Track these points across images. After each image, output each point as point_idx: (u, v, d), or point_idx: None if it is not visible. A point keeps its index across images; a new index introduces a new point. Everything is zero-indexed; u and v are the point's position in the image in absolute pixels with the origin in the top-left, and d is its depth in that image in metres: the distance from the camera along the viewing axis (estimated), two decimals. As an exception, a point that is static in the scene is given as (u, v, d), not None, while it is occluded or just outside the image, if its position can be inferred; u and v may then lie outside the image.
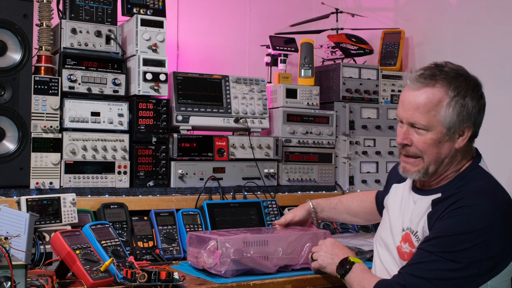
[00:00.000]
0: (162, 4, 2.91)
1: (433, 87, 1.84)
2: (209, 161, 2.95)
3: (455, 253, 1.74)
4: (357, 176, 3.38)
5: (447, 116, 1.83)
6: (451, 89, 1.83)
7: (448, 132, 1.84)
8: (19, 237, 1.99)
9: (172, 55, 3.55)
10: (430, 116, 1.84)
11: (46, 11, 2.69)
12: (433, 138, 1.85)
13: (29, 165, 2.55)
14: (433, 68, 1.89)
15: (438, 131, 1.84)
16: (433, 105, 1.83)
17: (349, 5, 4.10)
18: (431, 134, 1.85)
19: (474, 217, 1.76)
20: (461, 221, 1.77)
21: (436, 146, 1.86)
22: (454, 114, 1.83)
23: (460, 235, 1.75)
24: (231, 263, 2.07)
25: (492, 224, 1.76)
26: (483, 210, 1.77)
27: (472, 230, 1.74)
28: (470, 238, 1.74)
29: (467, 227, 1.75)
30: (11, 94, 2.50)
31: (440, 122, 1.83)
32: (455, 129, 1.84)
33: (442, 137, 1.85)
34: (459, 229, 1.76)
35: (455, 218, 1.78)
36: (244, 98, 3.10)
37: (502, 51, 3.18)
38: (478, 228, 1.74)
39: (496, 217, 1.77)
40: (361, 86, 3.44)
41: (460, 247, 1.74)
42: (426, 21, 3.65)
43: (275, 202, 2.90)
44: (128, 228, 2.48)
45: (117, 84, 2.78)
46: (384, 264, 2.04)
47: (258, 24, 3.96)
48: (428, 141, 1.86)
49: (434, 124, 1.84)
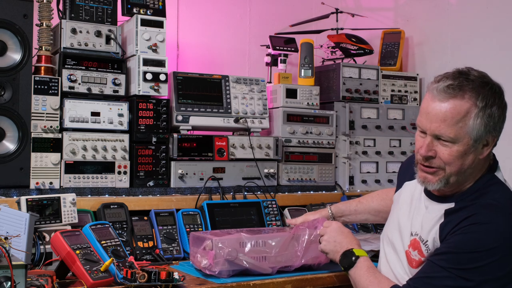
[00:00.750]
0: (162, 4, 2.91)
1: (462, 98, 1.77)
2: (209, 161, 2.95)
3: (467, 271, 1.71)
4: (357, 176, 3.38)
5: (475, 128, 1.77)
6: (479, 99, 1.77)
7: (474, 143, 1.78)
8: (19, 237, 1.99)
9: (172, 55, 3.55)
10: (457, 128, 1.77)
11: (46, 11, 2.69)
12: (460, 150, 1.79)
13: (29, 165, 2.55)
14: (458, 77, 1.81)
15: (465, 143, 1.78)
16: (461, 117, 1.77)
17: (349, 5, 4.10)
18: (457, 146, 1.78)
19: (488, 235, 1.73)
20: (475, 239, 1.73)
21: (462, 158, 1.80)
22: (482, 125, 1.77)
23: (474, 253, 1.72)
24: (225, 263, 2.06)
25: (505, 243, 1.72)
26: (497, 229, 1.73)
27: (486, 249, 1.71)
28: (483, 257, 1.71)
29: (481, 245, 1.72)
30: (11, 94, 2.50)
31: (467, 133, 1.77)
32: (481, 140, 1.79)
33: (468, 149, 1.79)
34: (472, 246, 1.73)
35: (469, 235, 1.74)
36: (244, 98, 3.10)
37: (502, 51, 3.18)
38: (492, 247, 1.71)
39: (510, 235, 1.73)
40: (361, 86, 3.44)
41: (473, 265, 1.71)
42: (426, 21, 3.65)
43: (275, 202, 2.90)
44: (128, 228, 2.48)
45: (117, 84, 2.78)
46: (390, 265, 2.02)
47: (258, 24, 3.96)
48: (454, 153, 1.79)
49: (461, 136, 1.77)
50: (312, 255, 2.21)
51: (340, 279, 2.22)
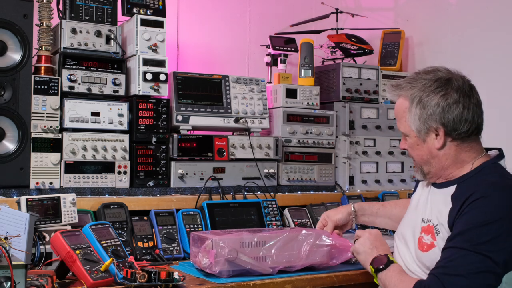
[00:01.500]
0: (162, 4, 2.91)
1: (399, 97, 2.03)
2: (209, 161, 2.94)
3: (483, 245, 1.77)
4: (357, 176, 3.37)
5: (411, 121, 1.97)
6: (409, 97, 1.97)
7: (418, 134, 1.97)
8: (19, 237, 1.99)
9: (172, 55, 3.55)
10: (403, 123, 2.01)
11: (46, 11, 2.69)
12: (411, 142, 2.02)
13: (29, 165, 2.54)
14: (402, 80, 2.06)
15: (412, 135, 2.00)
16: (401, 114, 2.02)
17: (349, 5, 4.10)
18: (409, 139, 2.02)
19: (494, 207, 1.80)
20: (482, 212, 1.80)
21: (416, 149, 2.01)
22: (416, 118, 1.96)
23: (484, 226, 1.78)
24: (226, 263, 2.06)
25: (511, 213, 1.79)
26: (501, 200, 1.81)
27: (494, 220, 1.78)
28: (493, 228, 1.78)
29: (488, 218, 1.79)
30: (11, 94, 2.50)
31: (410, 127, 1.99)
32: (424, 131, 1.96)
33: (417, 140, 1.99)
34: (481, 220, 1.79)
35: (475, 211, 1.82)
36: (244, 98, 3.10)
37: (502, 51, 3.18)
38: (499, 218, 1.78)
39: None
40: (361, 86, 3.44)
41: (486, 237, 1.77)
42: (426, 21, 3.65)
43: (275, 202, 2.89)
44: (128, 228, 2.48)
45: (117, 84, 2.78)
46: (401, 256, 2.08)
47: (258, 24, 3.96)
48: (409, 145, 2.03)
49: (408, 130, 2.00)
50: (315, 258, 2.22)
51: (340, 279, 2.22)
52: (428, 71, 2.02)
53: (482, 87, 3.24)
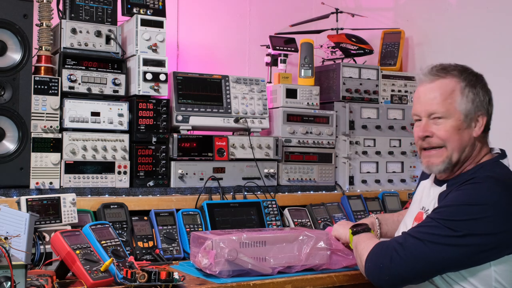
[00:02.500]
0: (162, 4, 2.91)
1: (445, 78, 1.98)
2: (209, 161, 2.94)
3: (454, 222, 1.81)
4: (357, 176, 3.37)
5: (463, 103, 1.95)
6: (461, 79, 1.97)
7: (465, 118, 1.95)
8: (19, 237, 1.99)
9: (172, 55, 3.55)
10: (447, 104, 1.95)
11: (46, 11, 2.69)
12: (453, 125, 1.95)
13: (29, 165, 2.55)
14: (441, 65, 2.04)
15: (456, 118, 1.95)
16: (449, 94, 1.96)
17: (349, 5, 4.10)
18: (451, 122, 1.95)
19: (481, 192, 1.83)
20: (466, 194, 1.85)
21: (457, 133, 1.96)
22: (469, 101, 1.95)
23: (463, 206, 1.82)
24: (226, 263, 2.06)
25: (499, 204, 1.80)
26: (491, 189, 1.83)
27: (476, 203, 1.81)
28: (472, 210, 1.80)
29: (472, 199, 1.82)
30: (11, 94, 2.50)
31: (457, 109, 1.95)
32: (471, 116, 1.96)
33: (461, 124, 1.95)
34: (462, 200, 1.84)
35: (461, 191, 1.87)
36: (244, 98, 3.10)
37: (502, 51, 3.18)
38: (482, 203, 1.81)
39: (505, 200, 1.82)
40: (361, 86, 3.44)
41: (461, 217, 1.81)
42: (426, 21, 3.65)
43: (275, 202, 2.89)
44: (128, 228, 2.48)
45: (117, 84, 2.78)
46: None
47: (258, 24, 3.96)
48: (449, 128, 1.96)
49: (452, 112, 1.95)
50: (315, 261, 2.22)
51: (340, 279, 2.22)
52: (463, 65, 2.05)
53: (482, 87, 3.26)
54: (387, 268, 1.86)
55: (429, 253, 1.82)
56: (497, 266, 1.83)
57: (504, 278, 1.84)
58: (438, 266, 1.84)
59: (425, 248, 1.82)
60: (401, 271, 1.85)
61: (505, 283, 1.85)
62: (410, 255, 1.83)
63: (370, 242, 2.00)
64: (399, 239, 1.90)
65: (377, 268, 1.89)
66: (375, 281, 1.93)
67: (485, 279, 1.84)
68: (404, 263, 1.84)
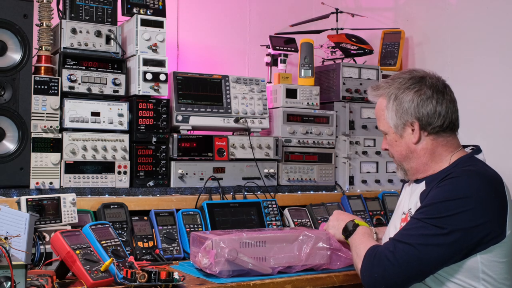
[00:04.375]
0: (162, 4, 2.91)
1: (379, 97, 2.13)
2: (209, 161, 2.95)
3: (439, 219, 1.84)
4: (357, 176, 3.37)
5: (389, 118, 2.08)
6: (386, 95, 2.09)
7: (396, 130, 2.07)
8: (19, 237, 1.99)
9: (172, 55, 3.55)
10: (382, 121, 2.12)
11: (46, 11, 2.69)
12: (390, 139, 2.11)
13: (29, 165, 2.54)
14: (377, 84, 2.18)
15: (391, 132, 2.10)
16: (381, 113, 2.12)
17: (349, 5, 4.10)
18: (389, 136, 2.12)
19: (460, 186, 1.87)
20: (447, 190, 1.89)
21: (395, 145, 2.10)
22: (393, 114, 2.06)
23: (445, 202, 1.86)
24: (226, 263, 2.06)
25: (479, 195, 1.85)
26: (469, 181, 1.88)
27: (457, 197, 1.85)
28: (454, 205, 1.84)
29: (452, 195, 1.86)
30: (11, 94, 2.50)
31: (388, 124, 2.09)
32: (400, 126, 2.06)
33: (395, 136, 2.09)
34: (444, 196, 1.88)
35: (442, 188, 1.91)
36: (244, 98, 3.10)
37: (502, 51, 3.18)
38: (463, 196, 1.85)
39: (484, 190, 1.86)
40: (361, 86, 3.44)
41: (445, 213, 1.84)
42: (426, 21, 3.65)
43: (275, 202, 2.90)
44: (128, 228, 2.48)
45: (117, 84, 2.78)
46: None
47: (258, 24, 3.96)
48: (389, 142, 2.13)
49: (387, 127, 2.11)
50: (315, 261, 2.22)
51: (340, 279, 2.22)
52: (405, 71, 2.14)
53: (482, 86, 3.27)
54: (382, 277, 1.89)
55: (420, 256, 1.84)
56: (483, 257, 1.86)
57: (491, 268, 1.87)
58: (432, 266, 1.86)
59: (416, 251, 1.85)
60: (396, 279, 1.88)
61: (492, 274, 1.88)
62: (402, 262, 1.86)
63: (362, 245, 2.03)
64: (389, 247, 1.91)
65: (372, 279, 1.92)
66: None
67: (472, 271, 1.87)
68: (398, 270, 1.86)
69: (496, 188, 1.90)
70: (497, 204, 1.87)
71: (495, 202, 1.87)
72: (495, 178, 1.94)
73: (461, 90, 3.31)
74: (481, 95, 3.26)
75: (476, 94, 3.27)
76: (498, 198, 1.89)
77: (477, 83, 3.29)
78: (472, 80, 3.32)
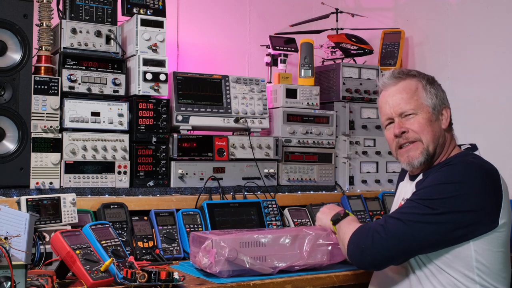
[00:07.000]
0: (162, 4, 2.91)
1: (406, 79, 2.11)
2: (209, 161, 2.95)
3: (432, 201, 1.88)
4: (357, 176, 3.37)
5: (428, 98, 2.07)
6: (420, 78, 2.11)
7: (433, 111, 2.07)
8: (19, 237, 1.99)
9: (172, 55, 3.55)
10: (414, 101, 2.07)
11: (46, 11, 2.69)
12: (425, 117, 2.06)
13: (29, 165, 2.55)
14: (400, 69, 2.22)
15: (425, 111, 2.06)
16: (413, 92, 2.08)
17: (349, 5, 4.10)
18: (422, 115, 2.06)
19: (456, 172, 1.92)
20: (443, 175, 1.93)
21: (430, 125, 2.06)
22: (433, 96, 2.08)
23: (440, 185, 1.90)
24: (226, 263, 2.06)
25: (474, 182, 1.88)
26: (466, 168, 1.93)
27: (452, 182, 1.89)
28: (448, 188, 1.88)
29: (447, 179, 1.91)
30: (11, 94, 2.50)
31: (424, 104, 2.07)
32: (438, 108, 2.07)
33: (431, 116, 2.06)
34: (439, 180, 1.92)
35: (438, 173, 1.97)
36: (244, 98, 3.10)
37: (502, 51, 3.18)
38: (457, 181, 1.89)
39: (480, 179, 1.90)
40: (361, 86, 3.44)
41: (438, 196, 1.88)
42: (426, 21, 3.65)
43: (275, 202, 2.89)
44: (128, 228, 2.48)
45: (117, 84, 2.78)
46: None
47: (258, 24, 3.96)
48: (421, 121, 2.06)
49: (421, 107, 2.06)
50: (316, 258, 2.22)
51: (340, 279, 2.22)
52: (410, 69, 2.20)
53: (482, 86, 3.27)
54: (368, 248, 1.93)
55: (408, 231, 1.88)
56: (476, 246, 1.88)
57: (484, 257, 1.89)
58: (418, 243, 1.89)
59: (405, 226, 1.89)
60: (382, 250, 1.91)
61: (486, 262, 1.90)
62: (391, 234, 1.90)
63: (351, 226, 2.07)
64: (380, 221, 1.97)
65: (359, 250, 1.96)
66: (357, 262, 2.00)
67: (465, 260, 1.89)
68: (385, 242, 1.90)
69: (492, 178, 1.93)
70: (492, 193, 1.90)
71: (489, 190, 1.90)
72: (492, 170, 1.98)
73: (461, 90, 3.33)
74: (481, 95, 3.26)
75: (476, 94, 3.27)
76: (493, 187, 1.92)
77: (477, 83, 3.29)
78: (472, 80, 3.32)
